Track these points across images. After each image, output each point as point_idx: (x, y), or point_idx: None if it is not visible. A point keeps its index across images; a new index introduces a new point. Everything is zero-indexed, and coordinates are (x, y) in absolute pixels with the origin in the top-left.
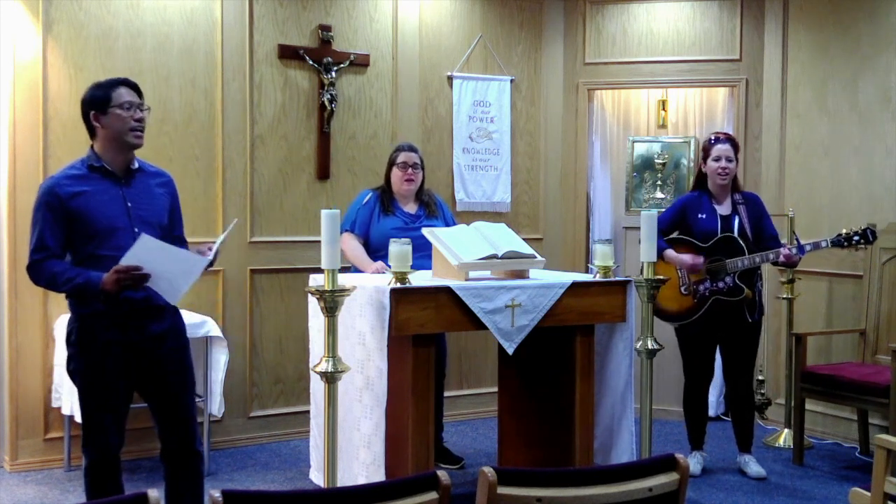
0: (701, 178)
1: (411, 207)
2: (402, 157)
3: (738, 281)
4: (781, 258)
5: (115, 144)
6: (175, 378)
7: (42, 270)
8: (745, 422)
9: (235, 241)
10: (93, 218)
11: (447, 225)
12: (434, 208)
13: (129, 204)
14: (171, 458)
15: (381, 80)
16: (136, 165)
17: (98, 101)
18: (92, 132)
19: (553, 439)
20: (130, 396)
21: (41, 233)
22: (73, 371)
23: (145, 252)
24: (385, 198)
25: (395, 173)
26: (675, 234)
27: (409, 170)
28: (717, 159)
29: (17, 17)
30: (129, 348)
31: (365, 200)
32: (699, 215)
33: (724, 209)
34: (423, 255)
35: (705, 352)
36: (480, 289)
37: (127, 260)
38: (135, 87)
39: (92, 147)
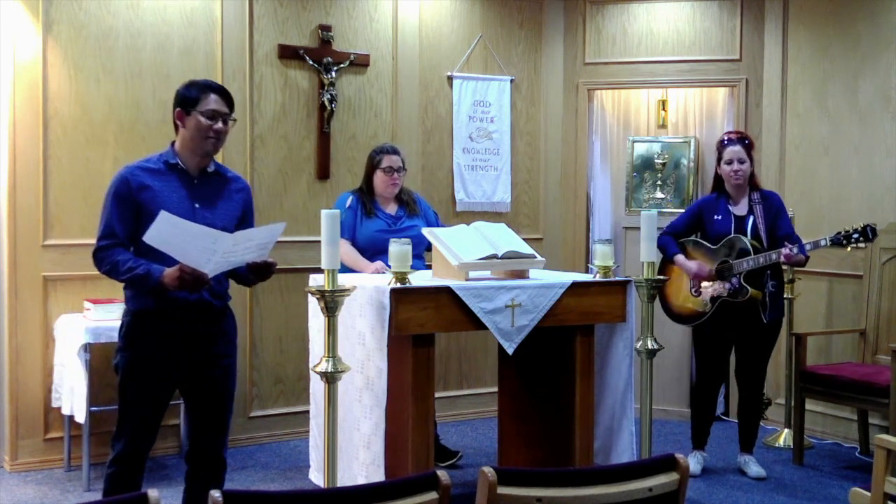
0: (718, 179)
1: (392, 208)
2: (386, 162)
3: (743, 282)
4: (781, 258)
5: (190, 146)
6: (220, 385)
7: (107, 257)
8: (751, 423)
9: None
10: (156, 214)
11: (429, 223)
12: (414, 206)
13: (197, 205)
14: (196, 460)
15: (381, 80)
16: (213, 168)
17: (186, 101)
18: (175, 128)
19: (553, 439)
20: (169, 397)
21: (109, 219)
22: (119, 364)
23: (168, 228)
24: (366, 200)
25: (380, 177)
26: (692, 238)
27: (395, 174)
28: (730, 162)
29: (17, 17)
30: (178, 347)
31: (348, 204)
32: (715, 217)
33: (740, 209)
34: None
35: (718, 353)
36: (480, 289)
37: (149, 237)
38: (227, 97)
39: (173, 143)
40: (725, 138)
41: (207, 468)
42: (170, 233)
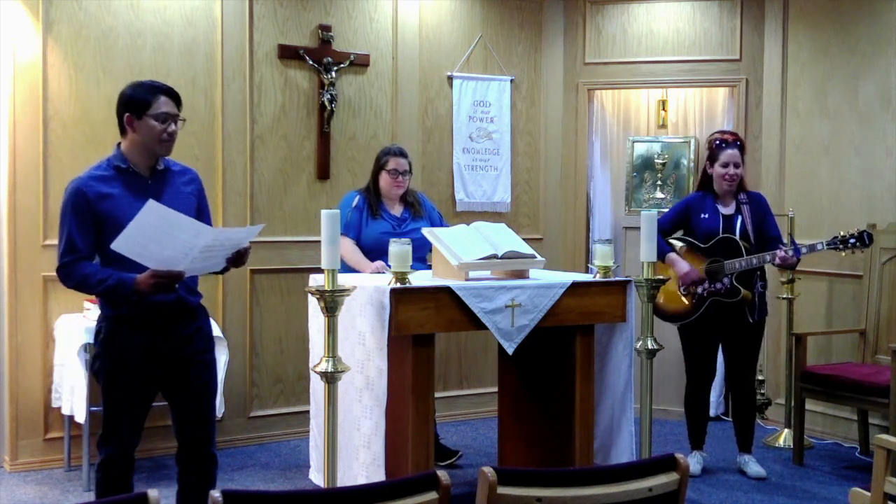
0: (706, 178)
1: (397, 210)
2: (392, 164)
3: (735, 282)
4: (777, 260)
5: (142, 149)
6: (200, 381)
7: (73, 273)
8: (747, 422)
9: None
10: (121, 220)
11: (433, 224)
12: (419, 208)
13: None
14: (186, 459)
15: (381, 80)
16: (163, 165)
17: (136, 105)
18: (122, 130)
19: (553, 439)
20: (153, 397)
21: (70, 235)
22: (99, 370)
23: (152, 220)
24: (372, 200)
25: (385, 179)
26: (678, 234)
27: (399, 177)
28: (726, 165)
29: (17, 17)
30: (156, 350)
31: (354, 203)
32: (702, 215)
33: (727, 209)
34: (414, 256)
35: (707, 352)
36: (480, 289)
37: (133, 227)
38: (176, 98)
39: (119, 145)
40: (719, 139)
41: (198, 465)
42: (151, 226)
